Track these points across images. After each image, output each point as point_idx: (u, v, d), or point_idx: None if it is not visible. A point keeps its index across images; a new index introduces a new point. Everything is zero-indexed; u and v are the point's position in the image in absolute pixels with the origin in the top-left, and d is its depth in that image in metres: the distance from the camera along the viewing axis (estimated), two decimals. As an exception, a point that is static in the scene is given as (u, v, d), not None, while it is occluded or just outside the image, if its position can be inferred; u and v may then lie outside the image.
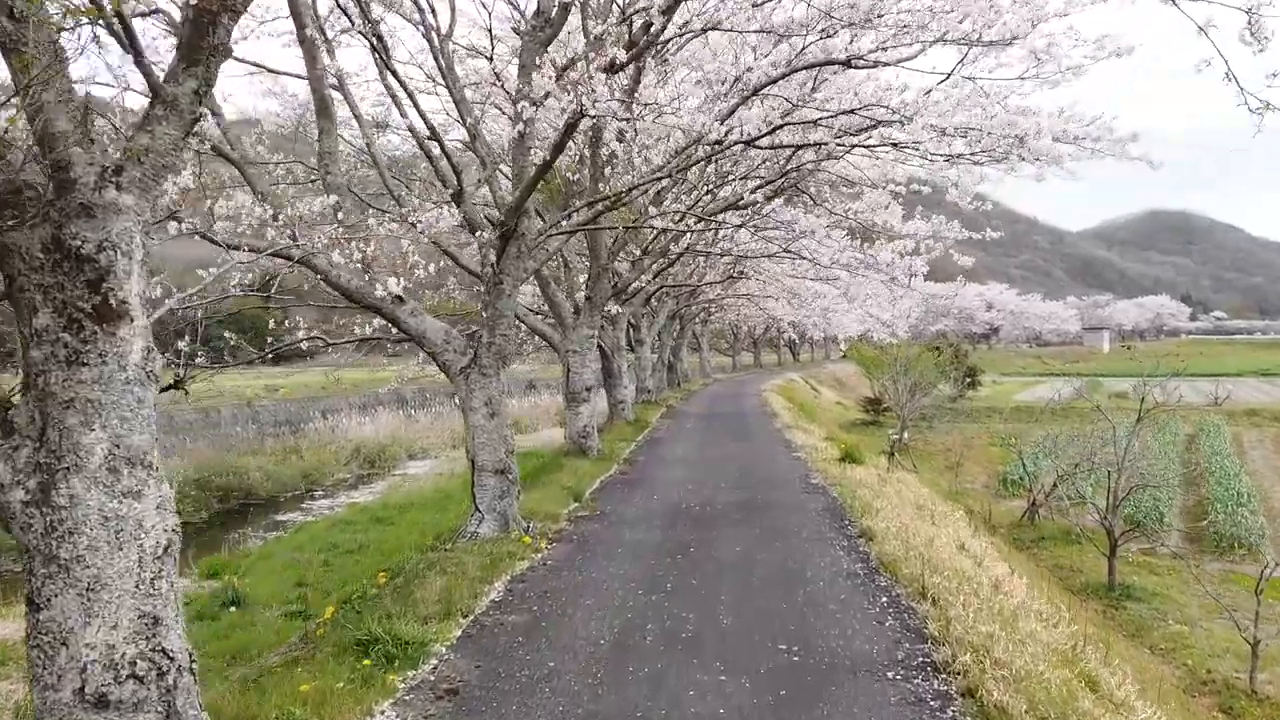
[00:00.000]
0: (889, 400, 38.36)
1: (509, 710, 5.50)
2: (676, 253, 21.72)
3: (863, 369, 49.99)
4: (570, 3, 10.30)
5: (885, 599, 7.76)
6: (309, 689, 5.49)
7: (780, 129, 10.23)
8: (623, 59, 7.39)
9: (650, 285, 23.97)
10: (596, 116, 7.90)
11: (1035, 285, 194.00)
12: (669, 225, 14.46)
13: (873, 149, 10.78)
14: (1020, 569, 13.39)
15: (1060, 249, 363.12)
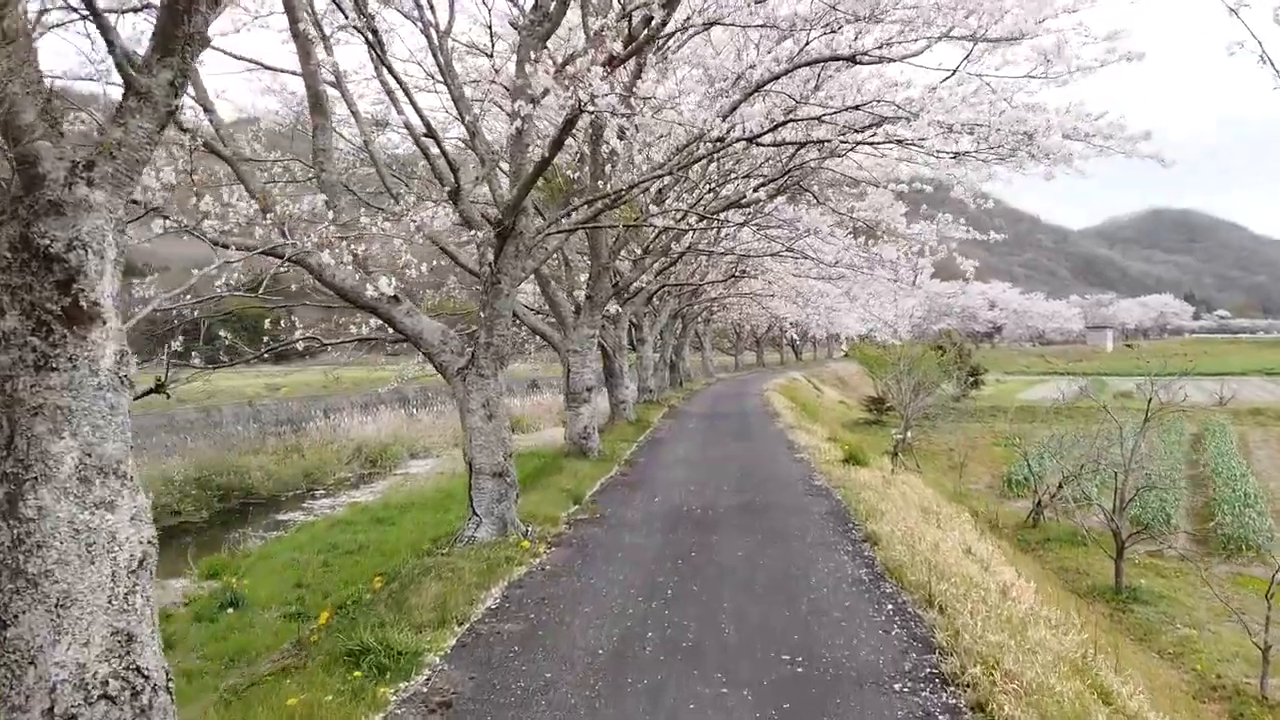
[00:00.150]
0: (892, 400, 38.15)
1: (503, 725, 5.33)
2: (678, 252, 21.52)
3: (865, 368, 49.79)
4: (569, -3, 10.11)
5: (891, 606, 7.57)
6: (296, 703, 5.32)
7: (783, 125, 10.04)
8: (620, 52, 7.20)
9: (652, 284, 23.78)
10: (595, 112, 7.71)
11: (1038, 284, 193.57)
12: (670, 224, 14.27)
13: (877, 146, 10.58)
14: (1026, 572, 13.21)
15: (1063, 247, 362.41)
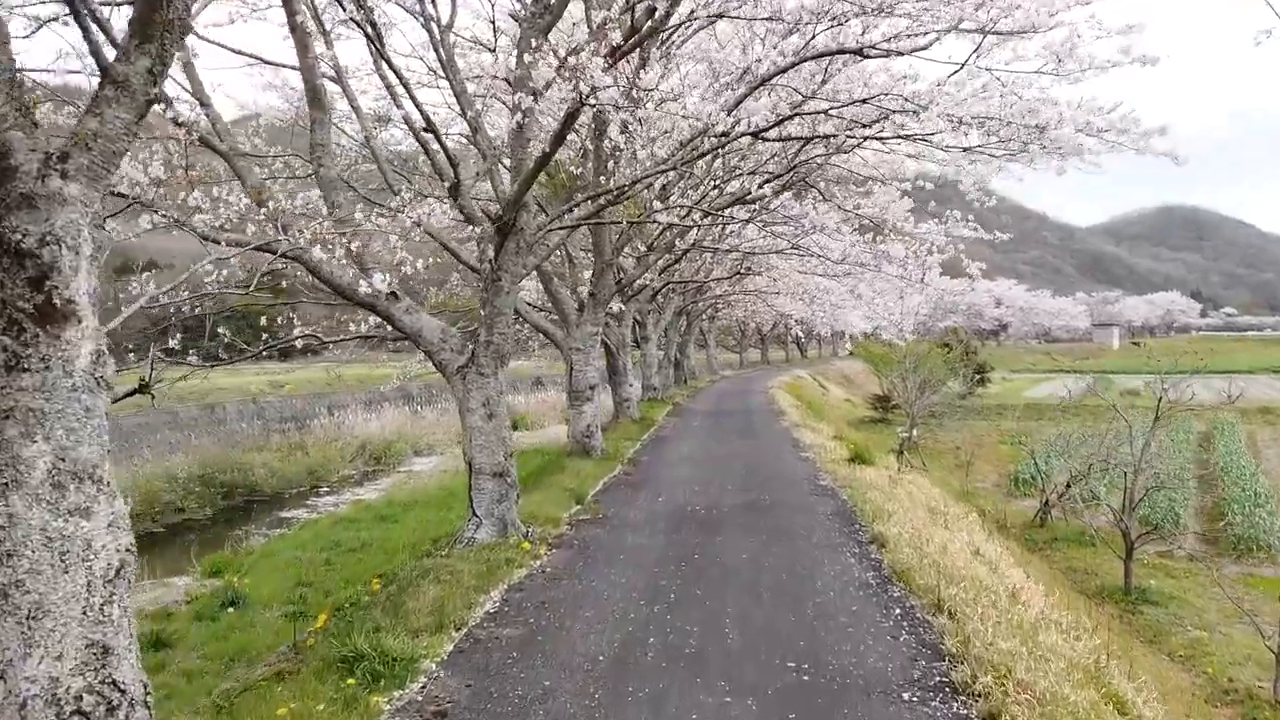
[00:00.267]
0: (898, 398, 37.95)
1: (500, 735, 5.18)
2: (683, 249, 21.35)
3: (871, 366, 49.56)
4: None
5: (899, 611, 7.40)
6: (286, 713, 5.17)
7: (789, 120, 9.85)
8: (621, 40, 7.03)
9: (656, 281, 23.61)
10: (597, 105, 7.55)
11: (1044, 281, 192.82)
12: (674, 220, 14.09)
13: (885, 141, 10.38)
14: (1035, 573, 13.03)
15: (1070, 245, 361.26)
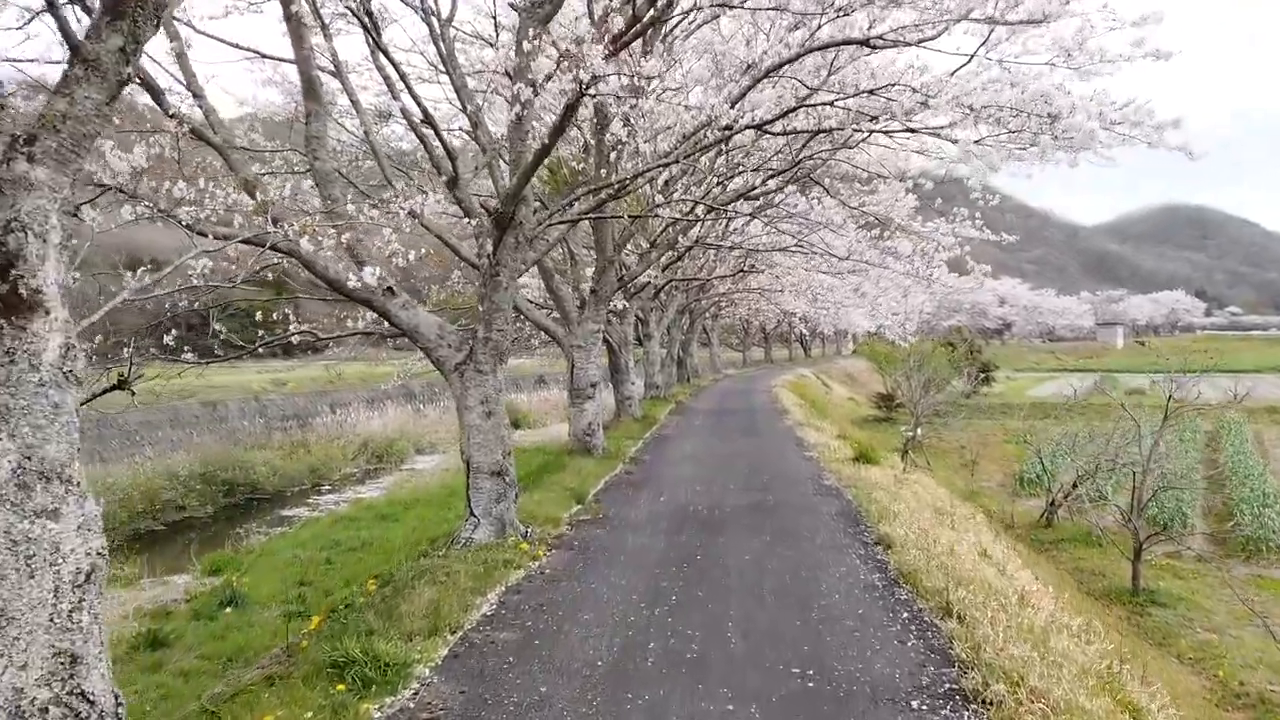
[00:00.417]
0: (902, 397, 37.74)
1: (494, 744, 5.00)
2: (686, 245, 21.16)
3: (875, 365, 49.37)
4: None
5: (906, 614, 7.21)
6: (272, 720, 4.99)
7: (794, 112, 9.66)
8: (622, 27, 6.84)
9: (659, 279, 23.41)
10: (598, 95, 7.36)
11: (1049, 280, 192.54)
12: (677, 215, 13.90)
13: (892, 135, 10.18)
14: (1042, 574, 12.84)
15: (1074, 244, 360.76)
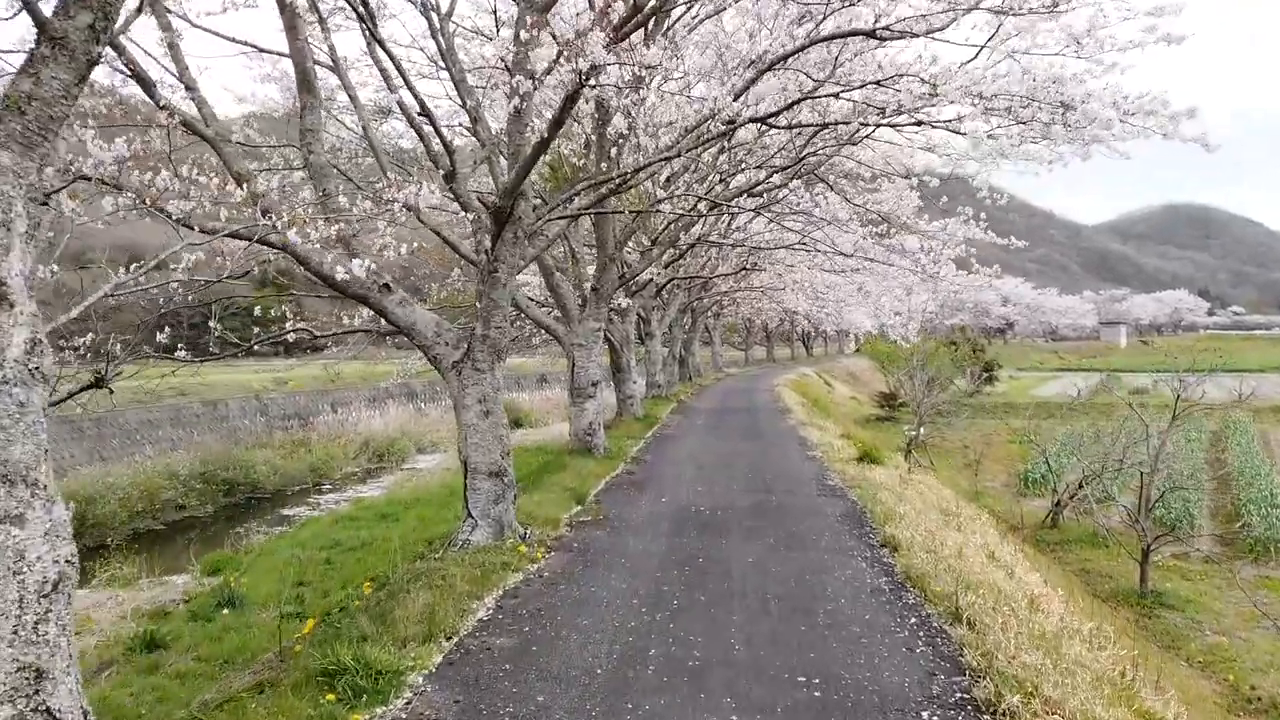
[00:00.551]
0: (905, 396, 37.55)
1: (488, 757, 4.80)
2: (688, 243, 20.96)
3: (877, 363, 49.15)
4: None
5: (915, 620, 7.01)
6: (257, 733, 4.80)
7: (799, 105, 9.46)
8: (624, 14, 6.64)
9: (661, 276, 23.21)
10: (598, 86, 7.17)
11: (1051, 279, 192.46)
12: (678, 211, 13.70)
13: (900, 129, 9.98)
14: (1049, 576, 12.63)
15: (1077, 243, 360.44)
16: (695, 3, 10.32)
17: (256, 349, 11.53)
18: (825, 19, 9.22)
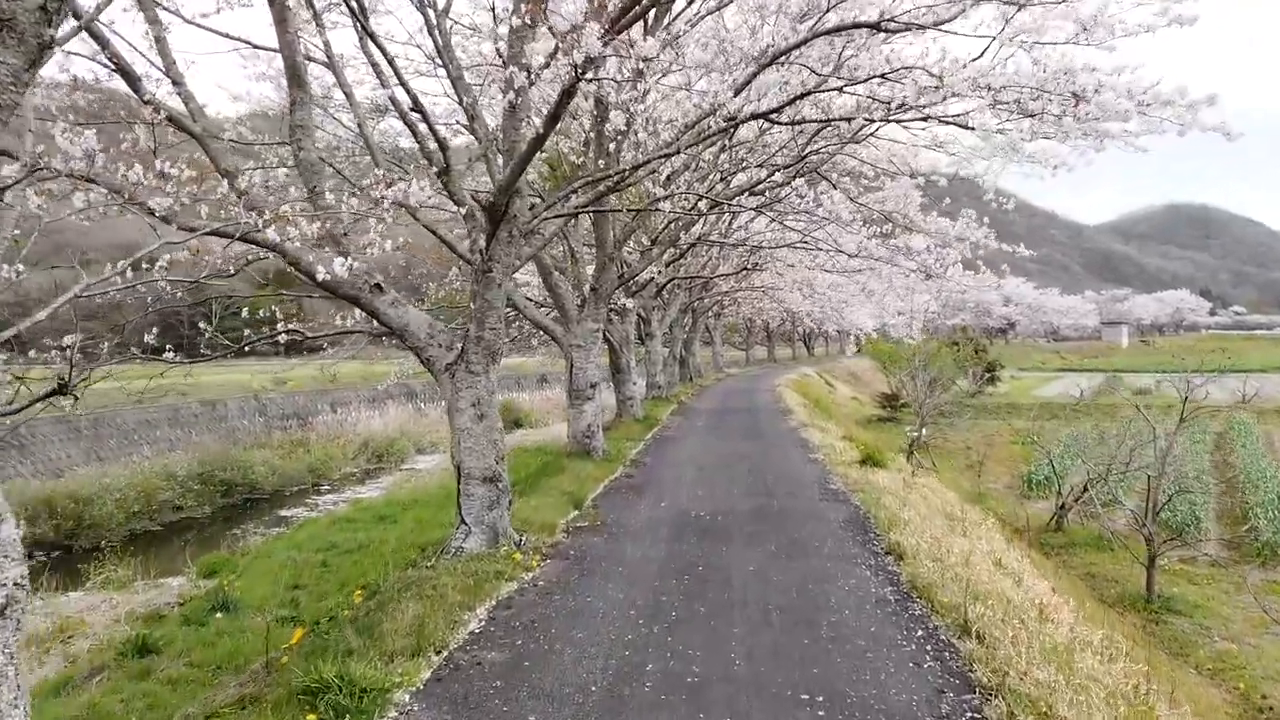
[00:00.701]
0: (906, 396, 37.31)
1: (476, 782, 4.56)
2: (688, 242, 20.71)
3: (879, 364, 48.91)
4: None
5: (922, 632, 6.76)
6: (233, 756, 4.57)
7: (802, 99, 9.21)
8: (621, 4, 6.40)
9: (661, 276, 22.97)
10: (594, 80, 6.93)
11: (1052, 279, 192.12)
12: (678, 210, 13.45)
13: (906, 125, 9.73)
14: (1056, 582, 12.38)
15: (1078, 243, 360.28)
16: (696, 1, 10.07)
17: (252, 350, 11.32)
18: (829, 10, 8.98)
